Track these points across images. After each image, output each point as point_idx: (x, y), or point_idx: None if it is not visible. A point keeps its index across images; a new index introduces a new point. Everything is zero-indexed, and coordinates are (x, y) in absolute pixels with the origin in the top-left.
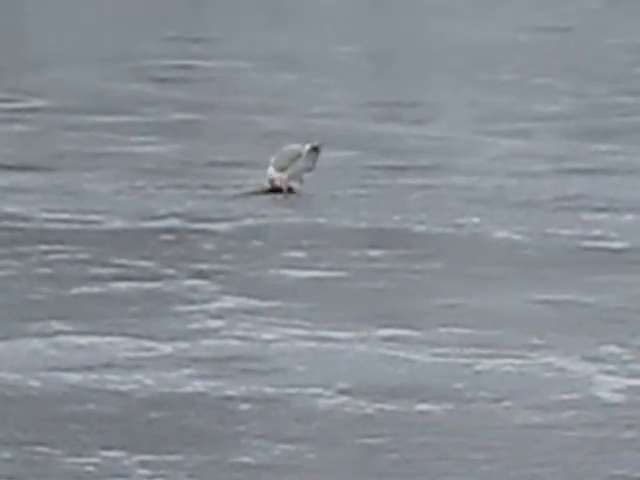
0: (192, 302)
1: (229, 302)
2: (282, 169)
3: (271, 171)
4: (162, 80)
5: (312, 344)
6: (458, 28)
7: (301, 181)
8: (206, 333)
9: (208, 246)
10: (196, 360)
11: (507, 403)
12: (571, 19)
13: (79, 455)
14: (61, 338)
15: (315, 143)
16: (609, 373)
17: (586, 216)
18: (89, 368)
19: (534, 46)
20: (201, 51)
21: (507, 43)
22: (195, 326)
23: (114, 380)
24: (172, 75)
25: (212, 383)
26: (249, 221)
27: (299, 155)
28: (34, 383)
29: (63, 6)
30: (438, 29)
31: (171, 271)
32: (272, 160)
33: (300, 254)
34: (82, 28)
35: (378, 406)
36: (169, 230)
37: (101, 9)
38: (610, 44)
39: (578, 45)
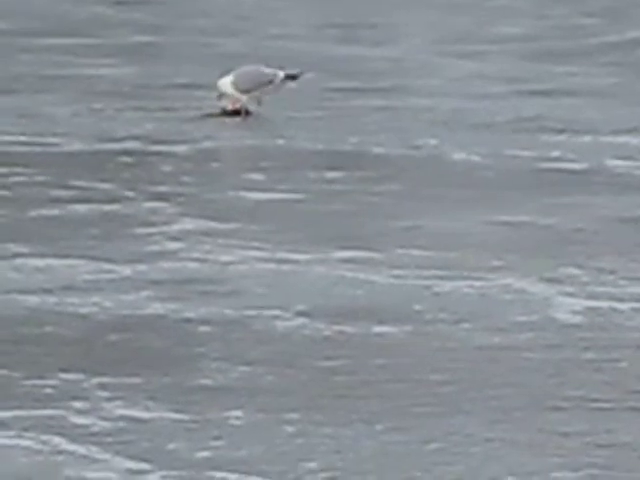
0: (151, 224)
1: (188, 224)
2: (245, 91)
3: (229, 88)
4: (121, 2)
5: (271, 266)
6: None
7: (260, 103)
8: (165, 255)
9: (167, 168)
10: (155, 282)
11: (466, 325)
12: None
13: (38, 377)
14: (20, 260)
15: (292, 72)
16: (568, 294)
17: (544, 137)
18: (48, 291)
19: None
20: None
21: None
22: (154, 248)
23: (73, 302)
24: None
25: (171, 305)
26: (207, 143)
27: (271, 81)
28: None
29: None
30: None
31: (130, 193)
32: (231, 78)
33: (259, 176)
34: None
35: (337, 328)
36: (128, 152)
37: None
38: None
39: None
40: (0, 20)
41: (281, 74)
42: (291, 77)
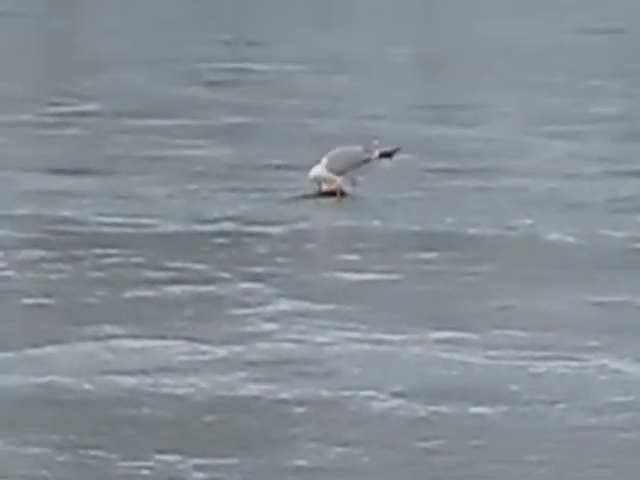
0: (246, 305)
1: (283, 305)
2: (340, 172)
3: (323, 171)
4: (214, 83)
5: (366, 347)
6: (507, 30)
7: (354, 184)
8: (260, 336)
9: (262, 249)
10: (251, 363)
11: (562, 405)
12: (620, 20)
13: (134, 459)
14: (115, 342)
15: (388, 149)
16: None
17: (639, 218)
18: (144, 372)
19: (583, 47)
20: (253, 54)
21: (557, 44)
22: (249, 329)
23: (169, 384)
24: (224, 78)
25: (266, 386)
26: (303, 224)
27: (367, 160)
28: (89, 387)
29: (116, 9)
30: (488, 31)
31: (225, 274)
32: (324, 161)
33: (354, 257)
34: (135, 31)
35: (432, 409)
36: (223, 233)
37: (154, 12)
38: None
39: (628, 46)
40: (96, 102)
41: (376, 152)
42: (387, 155)
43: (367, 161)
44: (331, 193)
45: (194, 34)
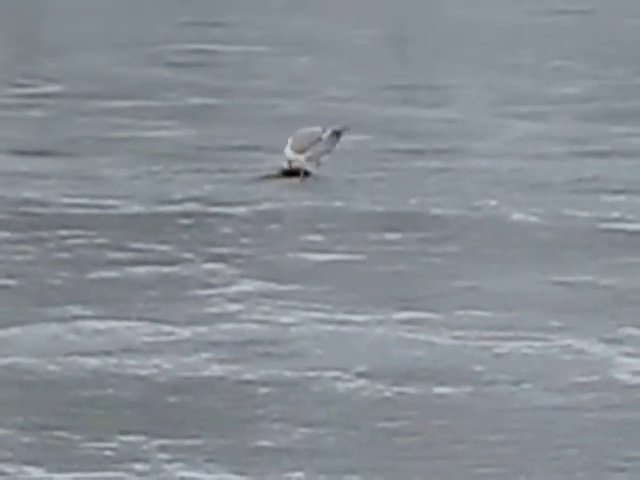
0: (210, 286)
1: (247, 286)
2: (300, 151)
3: (289, 152)
4: (179, 65)
5: (331, 327)
6: (475, 11)
7: (318, 164)
8: (224, 317)
9: (226, 230)
10: (215, 344)
11: (526, 385)
12: (588, 1)
13: (98, 440)
14: (80, 323)
15: (337, 127)
16: (628, 355)
17: (603, 198)
18: (108, 353)
19: (552, 29)
20: (218, 35)
21: (524, 26)
22: (213, 310)
23: (133, 364)
24: (189, 60)
25: (231, 367)
26: (267, 205)
27: (319, 138)
28: (53, 368)
29: None
30: (455, 13)
31: (189, 255)
32: (289, 141)
33: (318, 237)
34: (98, 13)
35: (397, 389)
36: (186, 214)
37: None
38: (629, 26)
39: (596, 27)
40: (58, 83)
41: (328, 131)
42: (336, 133)
43: (319, 139)
44: (295, 173)
45: (159, 16)
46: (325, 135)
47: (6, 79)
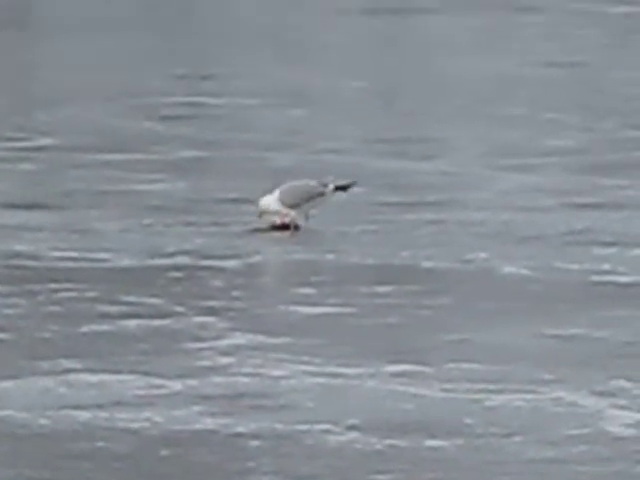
0: (201, 339)
1: (238, 339)
2: (293, 205)
3: (270, 203)
4: (170, 118)
5: (321, 380)
6: (466, 63)
7: (307, 217)
8: (216, 370)
9: (217, 283)
10: (206, 397)
11: (518, 438)
12: (580, 54)
13: None
14: (71, 376)
15: (343, 183)
16: (619, 407)
17: (595, 251)
18: (99, 406)
19: (543, 81)
20: (209, 88)
21: (515, 78)
22: (205, 363)
23: (124, 418)
24: (180, 112)
25: (222, 420)
26: (257, 258)
27: (321, 194)
28: (44, 421)
29: (70, 44)
30: (445, 64)
31: (180, 308)
32: (276, 194)
33: (309, 290)
34: (90, 65)
35: (388, 442)
36: (178, 267)
37: (108, 46)
38: (619, 78)
39: (587, 79)
40: (50, 136)
41: (331, 186)
42: (342, 188)
43: (322, 194)
44: (284, 227)
45: (149, 68)
46: (328, 190)
47: None
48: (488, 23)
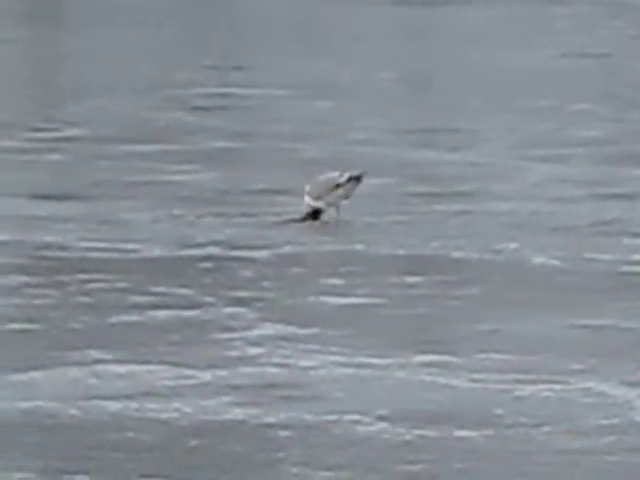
0: (231, 330)
1: (268, 329)
2: (318, 198)
3: (307, 200)
4: (200, 108)
5: (351, 371)
6: (495, 54)
7: (338, 209)
8: (245, 360)
9: (247, 274)
10: (235, 388)
11: (547, 428)
12: (608, 45)
13: None
14: (100, 367)
15: (355, 173)
16: None
17: (625, 241)
18: (128, 396)
19: (571, 72)
20: (239, 79)
21: (544, 69)
22: (234, 354)
23: (153, 408)
24: (210, 103)
25: (251, 410)
26: (287, 248)
27: (337, 185)
28: (74, 412)
29: (101, 35)
30: (475, 55)
31: (210, 299)
32: (307, 189)
33: (338, 281)
34: (120, 57)
35: (417, 432)
36: (208, 258)
37: (138, 38)
38: None
39: (615, 71)
40: (79, 127)
41: (345, 176)
42: (355, 179)
43: (338, 186)
44: (316, 218)
45: (179, 60)
46: (342, 180)
47: (26, 123)
48: (517, 15)
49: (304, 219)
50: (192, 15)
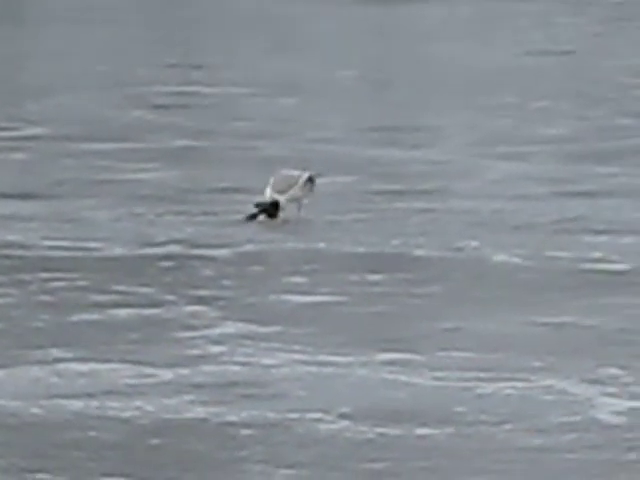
0: (192, 328)
1: (229, 328)
2: (280, 192)
3: (269, 192)
4: (162, 107)
5: (313, 369)
6: (457, 52)
7: (300, 207)
8: (207, 359)
9: (208, 272)
10: (197, 386)
11: (508, 426)
12: (571, 42)
13: None
14: (62, 365)
15: (311, 173)
16: (609, 395)
17: (586, 238)
18: (90, 395)
19: (534, 69)
20: (201, 77)
21: (506, 66)
22: (195, 352)
23: (115, 407)
24: (171, 102)
25: (213, 409)
26: (249, 247)
27: (296, 183)
28: (35, 410)
29: (61, 34)
30: (437, 53)
31: (171, 297)
32: (270, 181)
33: (300, 279)
34: (81, 55)
35: (379, 430)
36: (169, 256)
37: (100, 36)
38: (610, 66)
39: (578, 68)
40: (43, 126)
41: (305, 175)
42: (309, 179)
43: (296, 184)
44: (275, 215)
45: (141, 58)
46: (301, 181)
47: None
48: (480, 12)
49: (263, 210)
50: (153, 13)
